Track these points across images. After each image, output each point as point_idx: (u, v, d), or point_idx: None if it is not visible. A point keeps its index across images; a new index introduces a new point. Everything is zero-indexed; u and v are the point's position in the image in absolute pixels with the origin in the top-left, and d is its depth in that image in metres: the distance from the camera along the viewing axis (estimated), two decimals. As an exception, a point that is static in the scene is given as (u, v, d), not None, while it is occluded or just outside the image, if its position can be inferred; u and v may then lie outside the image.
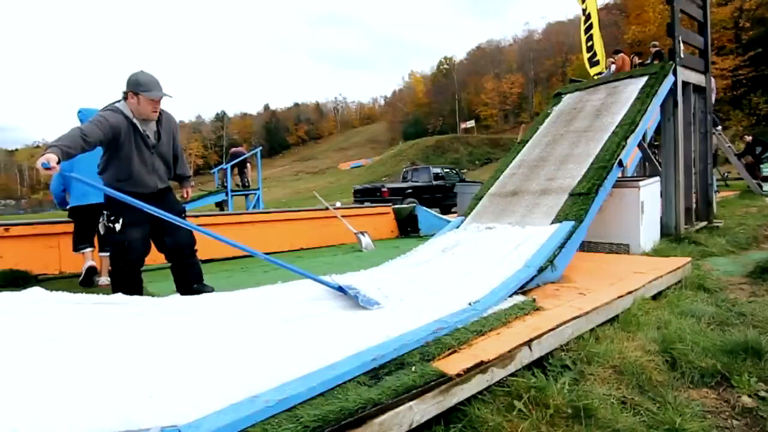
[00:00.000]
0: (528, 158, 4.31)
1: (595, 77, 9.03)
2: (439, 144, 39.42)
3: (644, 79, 4.58)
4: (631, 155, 4.33)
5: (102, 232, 2.57)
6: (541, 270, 2.57)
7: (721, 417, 1.59)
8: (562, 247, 2.80)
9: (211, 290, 2.72)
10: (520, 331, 1.84)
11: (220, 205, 9.77)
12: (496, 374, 1.59)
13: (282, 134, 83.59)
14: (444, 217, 6.91)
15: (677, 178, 4.64)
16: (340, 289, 2.21)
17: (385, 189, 11.90)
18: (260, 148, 11.47)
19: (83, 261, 3.60)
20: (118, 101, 2.50)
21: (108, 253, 3.44)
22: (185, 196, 3.04)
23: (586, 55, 10.26)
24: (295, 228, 5.64)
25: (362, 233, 5.38)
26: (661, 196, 4.54)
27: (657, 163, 5.11)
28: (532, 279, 2.50)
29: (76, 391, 1.20)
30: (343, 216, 5.77)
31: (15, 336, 1.53)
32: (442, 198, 12.57)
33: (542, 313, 2.10)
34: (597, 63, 9.99)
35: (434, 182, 12.75)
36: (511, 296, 2.26)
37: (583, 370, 1.79)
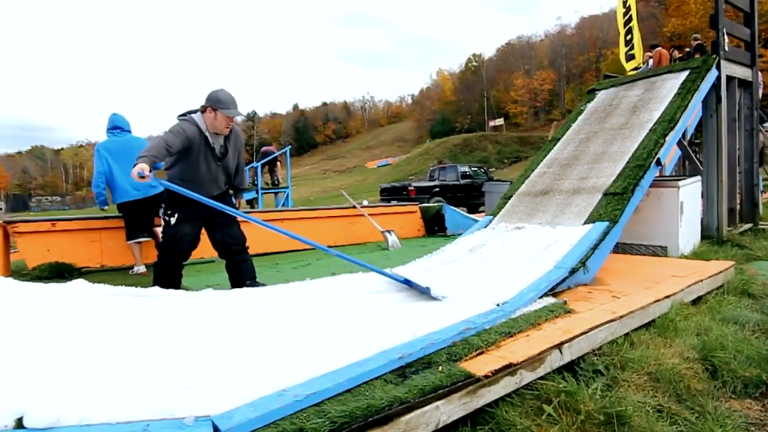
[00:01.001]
0: (560, 156, 4.20)
1: (630, 72, 8.70)
2: (467, 142, 38.96)
3: (685, 73, 4.38)
4: (669, 154, 4.15)
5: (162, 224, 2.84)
6: (572, 271, 2.50)
7: (766, 430, 1.51)
8: (595, 248, 2.72)
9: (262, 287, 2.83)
10: (551, 334, 1.80)
11: (251, 203, 10.00)
12: (525, 377, 1.56)
13: (310, 133, 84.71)
14: (471, 216, 6.83)
15: (720, 177, 4.42)
16: (407, 282, 2.26)
17: (411, 188, 11.87)
18: (289, 146, 11.65)
19: (132, 252, 4.01)
20: (193, 112, 2.71)
21: (137, 241, 3.96)
22: (237, 206, 3.20)
23: (623, 49, 9.88)
24: (323, 226, 5.71)
25: (389, 232, 5.38)
26: (703, 196, 4.34)
27: (698, 162, 4.88)
28: (563, 281, 2.44)
29: (116, 379, 1.26)
30: (369, 214, 5.79)
31: (60, 325, 1.62)
32: (470, 197, 12.43)
33: (573, 316, 2.05)
34: (633, 57, 9.61)
35: (462, 181, 12.61)
36: (540, 298, 2.21)
37: (616, 375, 1.73)
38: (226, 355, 1.50)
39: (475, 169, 13.77)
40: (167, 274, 2.76)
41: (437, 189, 12.08)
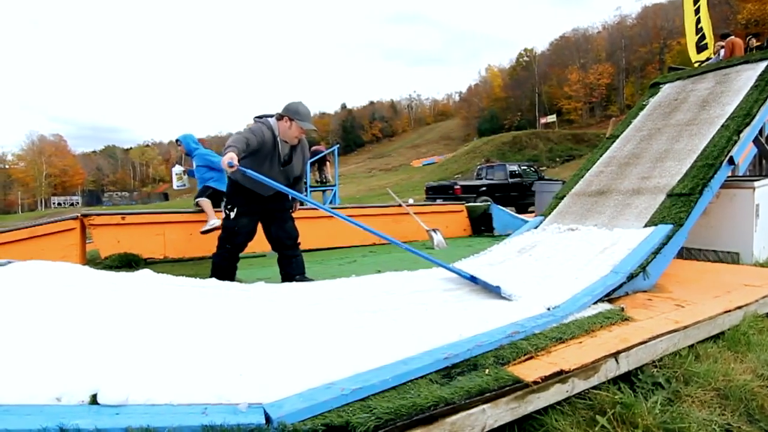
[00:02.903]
0: (619, 155, 3.97)
1: (696, 64, 8.03)
2: (517, 140, 37.74)
3: (763, 64, 3.98)
4: (744, 152, 3.81)
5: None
6: (631, 277, 2.36)
7: None
8: (657, 252, 2.55)
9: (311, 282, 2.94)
10: (606, 342, 1.71)
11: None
12: (577, 385, 1.50)
13: (357, 132, 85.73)
14: (520, 216, 6.63)
15: (805, 177, 3.98)
16: (473, 279, 2.27)
17: (457, 186, 11.70)
18: (338, 145, 11.87)
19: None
20: (270, 117, 2.88)
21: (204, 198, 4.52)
22: (293, 210, 3.31)
23: (693, 39, 9.15)
24: (369, 223, 5.70)
25: (434, 230, 5.33)
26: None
27: (778, 161, 4.43)
28: (620, 286, 2.31)
29: (177, 363, 1.35)
30: (415, 213, 5.78)
31: (128, 312, 1.75)
32: (519, 197, 12.06)
33: (631, 324, 1.93)
34: (705, 48, 8.87)
35: (510, 180, 12.26)
36: (595, 303, 2.11)
37: (678, 390, 1.62)
38: (277, 346, 1.56)
39: (525, 167, 13.33)
40: (224, 264, 2.92)
41: (484, 188, 11.83)
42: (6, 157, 68.01)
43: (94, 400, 1.13)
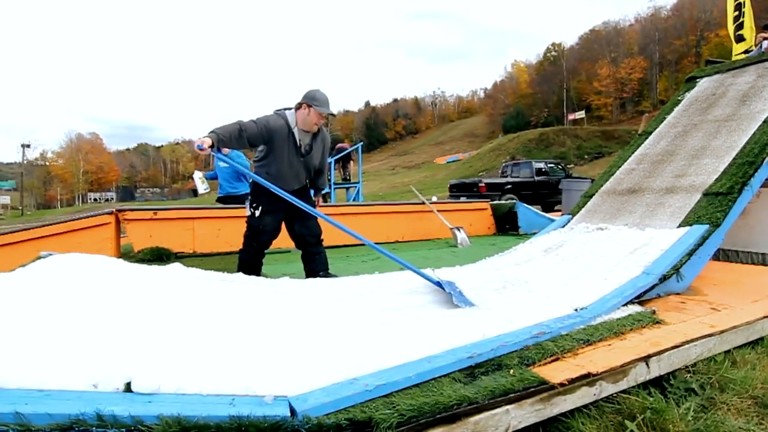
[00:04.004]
0: (651, 152, 3.83)
1: (739, 57, 7.64)
2: (543, 137, 36.93)
3: (813, 55, 3.76)
4: (789, 149, 3.60)
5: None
6: (663, 278, 2.28)
7: None
8: (691, 254, 2.45)
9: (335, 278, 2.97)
10: (636, 345, 1.66)
11: (324, 197, 10.41)
12: (605, 389, 1.46)
13: (380, 129, 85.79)
14: (547, 215, 6.49)
15: None
16: (438, 284, 2.21)
17: (482, 184, 11.57)
18: (361, 143, 11.93)
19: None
20: (288, 108, 2.89)
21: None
22: (316, 203, 3.35)
23: (732, 30, 8.71)
24: (392, 221, 5.77)
25: (458, 228, 5.30)
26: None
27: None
28: (651, 288, 2.23)
29: (206, 355, 1.39)
30: (438, 210, 5.75)
31: (159, 303, 1.82)
32: (545, 195, 11.82)
33: (663, 328, 1.87)
34: (744, 39, 8.43)
35: (536, 178, 12.03)
36: (625, 305, 2.05)
37: (713, 396, 1.56)
38: (301, 340, 1.58)
39: (552, 165, 13.05)
40: (250, 261, 2.98)
41: (509, 186, 11.65)
42: (47, 154, 71.35)
43: (128, 387, 1.18)
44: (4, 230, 4.53)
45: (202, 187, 5.52)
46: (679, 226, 2.77)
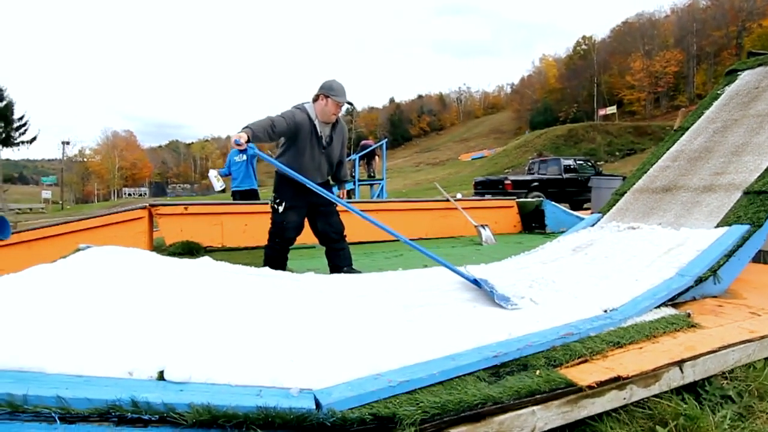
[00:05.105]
0: (688, 148, 3.67)
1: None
2: (572, 133, 35.98)
3: None
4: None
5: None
6: (699, 281, 2.19)
7: None
8: (729, 255, 2.34)
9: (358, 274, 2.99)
10: (669, 349, 1.60)
11: (348, 194, 10.49)
12: (636, 393, 1.42)
13: (405, 126, 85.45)
14: (575, 213, 6.34)
15: None
16: (475, 282, 2.18)
17: (508, 181, 11.38)
18: (386, 139, 11.93)
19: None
20: (306, 102, 2.93)
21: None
22: (341, 196, 3.40)
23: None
24: (415, 218, 5.75)
25: (483, 226, 5.24)
26: None
27: None
28: (686, 290, 2.15)
29: (234, 346, 1.42)
30: (463, 208, 5.69)
31: (189, 295, 1.88)
32: (574, 193, 11.54)
33: (699, 332, 1.80)
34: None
35: (565, 175, 11.74)
36: (658, 307, 1.98)
37: (752, 405, 1.49)
38: (326, 334, 1.60)
39: (581, 162, 12.71)
40: (275, 256, 3.02)
41: (536, 183, 11.42)
42: (85, 151, 74.47)
43: (161, 376, 1.22)
44: (46, 224, 4.77)
45: (217, 185, 5.73)
46: (717, 226, 2.65)
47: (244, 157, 5.51)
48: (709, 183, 3.10)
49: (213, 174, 5.84)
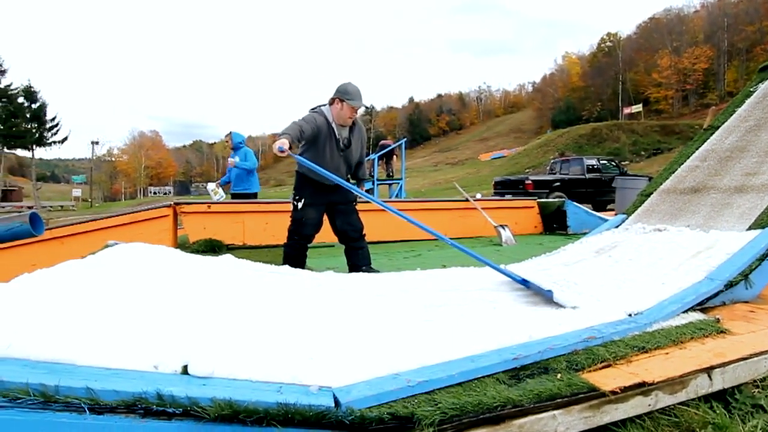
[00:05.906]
0: (718, 148, 3.55)
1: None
2: (596, 132, 35.14)
3: None
4: None
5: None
6: (729, 285, 2.11)
7: None
8: (763, 259, 2.25)
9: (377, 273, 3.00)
10: (697, 355, 1.55)
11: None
12: (662, 400, 1.38)
13: (424, 126, 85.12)
14: (598, 214, 6.20)
15: None
16: (524, 282, 2.16)
17: (528, 181, 11.22)
18: (405, 139, 11.91)
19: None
20: (323, 105, 2.98)
21: None
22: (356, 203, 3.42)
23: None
24: (434, 217, 5.72)
25: (502, 227, 5.18)
26: None
27: None
28: (716, 295, 2.07)
29: (255, 342, 1.45)
30: (483, 208, 5.64)
31: (212, 291, 1.92)
32: (597, 193, 11.28)
33: (728, 338, 1.73)
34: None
35: (588, 175, 11.49)
36: (685, 312, 1.92)
37: (786, 415, 1.43)
38: (345, 333, 1.61)
39: (605, 162, 12.41)
40: (294, 254, 3.07)
41: (558, 183, 11.22)
42: (113, 151, 76.76)
43: (185, 370, 1.25)
44: (77, 221, 4.95)
45: (215, 198, 6.08)
46: (749, 228, 2.55)
47: (234, 164, 5.88)
48: (741, 183, 2.99)
49: (211, 187, 6.28)
